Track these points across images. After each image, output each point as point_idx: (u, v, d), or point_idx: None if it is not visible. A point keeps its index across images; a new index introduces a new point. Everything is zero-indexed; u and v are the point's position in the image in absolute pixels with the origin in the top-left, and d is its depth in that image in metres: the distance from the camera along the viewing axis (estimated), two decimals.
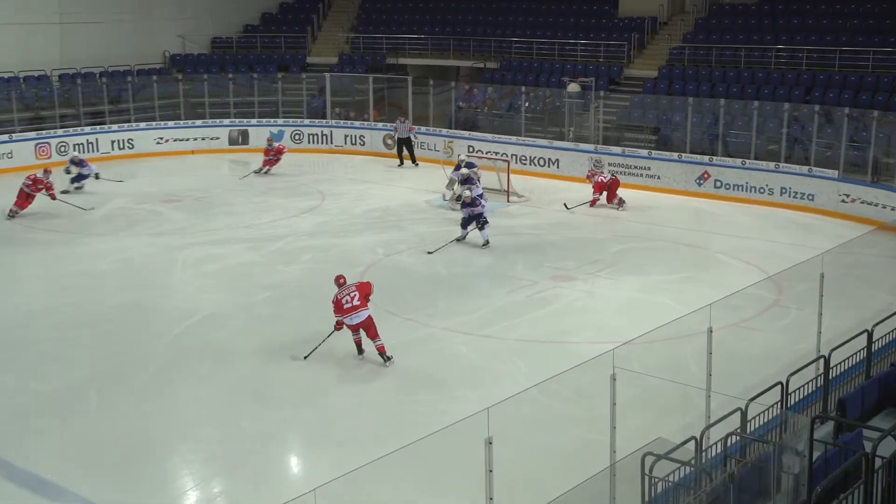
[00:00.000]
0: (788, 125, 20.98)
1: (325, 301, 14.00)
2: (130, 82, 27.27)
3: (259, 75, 28.61)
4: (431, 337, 12.91)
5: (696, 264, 16.33)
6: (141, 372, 11.71)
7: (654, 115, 23.60)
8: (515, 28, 28.79)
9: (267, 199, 21.20)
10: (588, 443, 9.47)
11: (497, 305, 14.11)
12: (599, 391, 7.89)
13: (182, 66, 29.60)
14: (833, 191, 19.52)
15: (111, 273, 15.88)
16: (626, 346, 8.97)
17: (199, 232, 18.39)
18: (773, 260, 15.95)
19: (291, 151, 26.73)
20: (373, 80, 27.62)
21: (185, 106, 27.73)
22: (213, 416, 10.60)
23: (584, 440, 9.79)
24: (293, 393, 11.12)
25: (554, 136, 24.48)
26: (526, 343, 12.65)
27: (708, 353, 8.83)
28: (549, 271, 15.75)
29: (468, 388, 11.17)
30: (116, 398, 10.99)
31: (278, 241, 17.66)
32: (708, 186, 21.31)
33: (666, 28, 26.66)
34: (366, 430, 10.25)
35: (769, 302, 13.88)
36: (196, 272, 15.92)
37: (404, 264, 16.40)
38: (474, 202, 17.17)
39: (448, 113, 26.43)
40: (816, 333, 10.58)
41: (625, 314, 13.75)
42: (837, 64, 22.41)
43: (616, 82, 25.58)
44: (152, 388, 11.27)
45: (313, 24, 31.61)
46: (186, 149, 26.76)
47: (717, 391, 9.06)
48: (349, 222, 19.15)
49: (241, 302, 14.36)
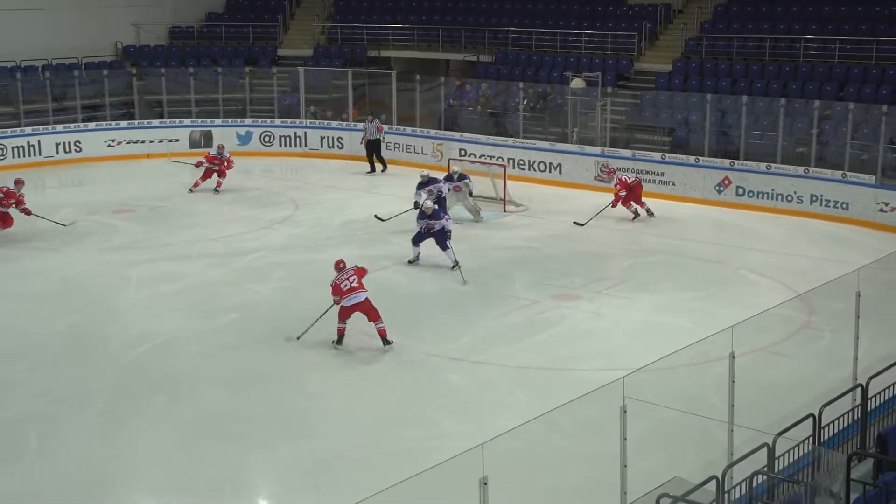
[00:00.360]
0: (819, 125, 21.11)
1: (299, 324, 14.02)
2: (77, 77, 27.26)
3: (224, 69, 28.67)
4: (419, 364, 12.90)
5: (716, 281, 16.38)
6: (86, 408, 11.62)
7: (668, 115, 23.72)
8: (512, 17, 28.93)
9: (233, 210, 21.19)
10: (596, 483, 9.45)
11: (493, 328, 14.12)
12: (608, 425, 7.89)
13: (136, 59, 29.63)
14: (870, 199, 19.63)
15: (52, 294, 15.80)
16: (638, 373, 8.97)
17: (155, 246, 18.36)
18: (803, 277, 16.00)
19: (261, 155, 26.84)
20: (352, 75, 27.72)
21: (140, 104, 27.76)
22: (169, 458, 10.52)
23: (591, 480, 9.77)
24: (262, 430, 11.07)
25: (556, 138, 24.57)
26: (525, 371, 12.64)
27: (730, 381, 8.85)
28: (552, 289, 15.77)
29: (460, 422, 11.14)
30: (57, 440, 10.88)
31: (246, 257, 17.64)
32: (729, 194, 21.40)
33: (681, 17, 26.83)
34: (346, 470, 10.21)
35: (799, 324, 13.92)
36: (152, 292, 15.87)
37: (388, 282, 16.38)
38: (436, 214, 16.70)
39: (437, 112, 26.52)
40: (853, 359, 10.62)
41: (636, 338, 13.77)
42: (875, 56, 22.57)
43: (625, 77, 25.71)
44: (99, 428, 11.19)
45: (285, 13, 31.71)
46: (141, 152, 26.75)
47: (741, 424, 9.07)
48: (326, 235, 19.15)
49: (204, 326, 14.32)
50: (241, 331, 14.17)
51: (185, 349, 13.41)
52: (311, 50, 30.51)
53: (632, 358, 11.87)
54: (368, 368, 12.68)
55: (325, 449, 10.67)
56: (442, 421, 11.27)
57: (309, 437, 10.96)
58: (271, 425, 11.16)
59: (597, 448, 9.98)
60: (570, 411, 8.99)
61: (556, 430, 10.43)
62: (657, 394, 11.13)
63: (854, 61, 22.87)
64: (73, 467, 10.31)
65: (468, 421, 11.14)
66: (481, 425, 10.72)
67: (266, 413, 11.47)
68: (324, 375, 12.49)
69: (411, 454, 10.37)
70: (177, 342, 13.66)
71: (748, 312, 12.02)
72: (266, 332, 14.07)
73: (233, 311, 14.87)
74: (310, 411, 11.56)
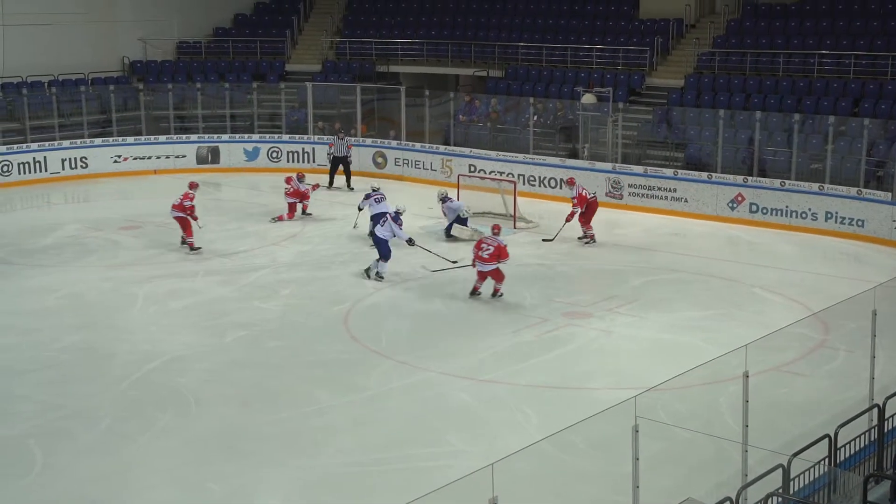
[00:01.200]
0: (834, 141, 21.13)
1: (307, 341, 14.06)
2: (84, 92, 27.47)
3: (231, 85, 28.85)
4: (428, 382, 12.92)
5: (729, 300, 16.37)
6: (92, 426, 11.66)
7: (681, 131, 23.76)
8: (522, 32, 29.06)
9: (241, 226, 21.28)
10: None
11: (503, 346, 14.14)
12: (620, 444, 7.90)
13: (143, 75, 29.83)
14: (886, 216, 19.61)
15: (59, 311, 15.87)
16: (650, 392, 8.98)
17: (162, 263, 18.44)
18: (818, 295, 16.00)
19: (269, 171, 26.94)
20: (361, 90, 27.85)
21: (147, 120, 27.93)
22: (175, 476, 10.55)
23: (602, 500, 9.78)
24: (270, 448, 11.10)
25: (566, 154, 24.63)
26: (536, 389, 12.66)
27: (744, 401, 8.85)
28: (562, 307, 15.79)
29: (470, 441, 11.16)
30: (62, 457, 10.93)
31: (254, 274, 17.70)
32: (742, 211, 21.41)
33: (693, 31, 26.91)
34: (354, 488, 10.23)
35: (814, 343, 13.91)
36: (159, 309, 15.94)
37: (397, 300, 16.44)
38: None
39: (446, 127, 26.61)
40: (869, 379, 10.59)
41: (648, 356, 13.77)
42: (890, 72, 22.59)
43: (637, 93, 25.78)
44: (105, 445, 11.23)
45: (293, 27, 31.92)
46: (148, 168, 26.90)
47: (756, 445, 9.05)
48: (335, 252, 19.22)
49: (211, 343, 14.37)
50: (249, 348, 14.22)
51: (192, 366, 13.45)
52: (319, 65, 30.68)
53: (643, 377, 11.89)
54: (377, 386, 12.71)
55: (333, 467, 10.68)
56: (451, 440, 11.28)
57: (317, 454, 10.98)
58: (279, 443, 11.19)
59: (608, 468, 9.99)
60: (582, 431, 9.02)
61: (567, 449, 10.43)
62: (670, 413, 11.14)
63: (869, 76, 22.89)
64: (79, 484, 10.34)
65: (478, 440, 11.16)
66: (491, 444, 10.75)
67: (274, 430, 11.50)
68: (332, 393, 12.51)
69: (420, 473, 10.39)
70: (184, 359, 13.70)
71: (762, 331, 12.05)
72: (274, 350, 14.12)
73: (240, 329, 14.91)
74: (318, 429, 11.58)
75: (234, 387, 12.79)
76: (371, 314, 15.76)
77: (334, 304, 16.09)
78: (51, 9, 27.96)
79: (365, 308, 15.94)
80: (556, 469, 10.26)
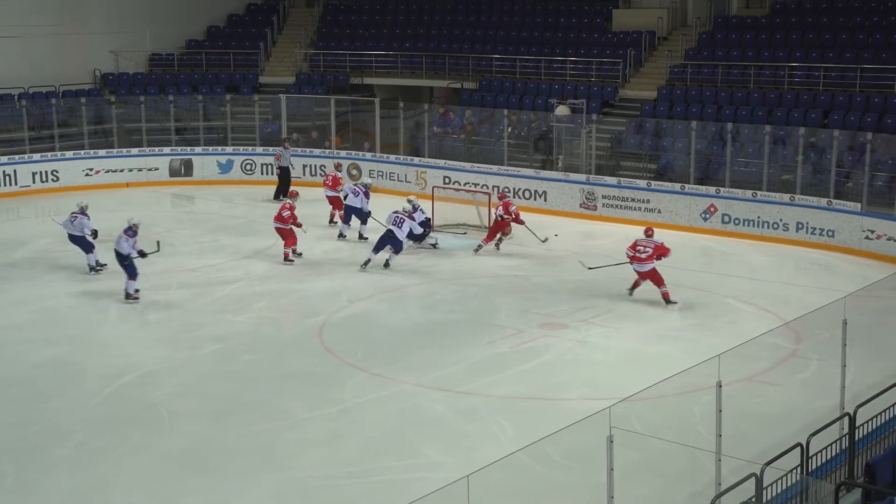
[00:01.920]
0: (804, 152, 21.36)
1: (282, 354, 14.03)
2: (55, 105, 27.29)
3: (204, 97, 28.77)
4: (403, 394, 12.92)
5: (702, 310, 16.50)
6: (63, 443, 11.57)
7: (653, 142, 23.95)
8: (496, 44, 29.20)
9: (215, 238, 21.21)
10: None
11: (478, 358, 14.16)
12: (595, 455, 7.94)
13: (115, 87, 29.70)
14: (856, 226, 19.84)
15: (30, 325, 15.75)
16: (625, 403, 9.02)
17: None
18: (790, 305, 16.15)
19: (243, 183, 26.87)
20: (335, 102, 27.84)
21: (119, 132, 27.77)
22: (150, 491, 10.49)
23: None
24: (244, 462, 11.06)
25: (541, 166, 24.75)
26: (511, 400, 12.68)
27: (717, 410, 8.91)
28: (538, 318, 15.85)
29: (445, 453, 11.17)
30: (34, 474, 10.81)
31: (227, 287, 17.65)
32: (715, 221, 21.58)
33: (665, 43, 27.15)
34: (329, 502, 10.21)
35: (786, 352, 14.03)
36: (131, 324, 15.86)
37: (372, 312, 16.43)
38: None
39: (420, 139, 26.66)
40: (840, 388, 10.70)
41: (623, 367, 13.85)
42: (859, 83, 22.89)
43: (610, 104, 25.96)
44: (77, 461, 11.14)
45: (266, 39, 31.89)
46: (120, 181, 26.75)
47: (729, 454, 9.13)
48: (309, 264, 19.19)
49: (184, 357, 14.31)
50: (222, 361, 14.16)
51: (166, 380, 13.38)
52: (293, 77, 30.66)
53: (618, 387, 11.95)
54: (352, 398, 12.70)
55: (308, 480, 10.66)
56: (427, 452, 11.29)
57: (292, 468, 10.94)
58: (254, 456, 11.14)
59: (583, 478, 10.03)
60: (557, 441, 9.05)
61: (542, 460, 10.47)
62: (644, 423, 11.20)
63: (839, 89, 23.17)
64: (51, 501, 10.25)
65: (454, 452, 11.16)
66: (467, 456, 10.77)
67: (249, 444, 11.46)
68: (307, 406, 12.49)
69: (396, 485, 10.39)
70: (157, 373, 13.63)
71: (735, 341, 12.15)
72: (248, 363, 14.07)
73: (214, 342, 14.86)
74: (293, 442, 11.54)
75: (208, 400, 12.73)
76: (345, 326, 15.75)
77: (308, 316, 16.07)
78: (21, 21, 27.76)
79: (339, 320, 15.94)
80: (532, 480, 10.29)
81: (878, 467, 8.29)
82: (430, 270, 18.69)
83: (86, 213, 18.42)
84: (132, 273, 16.77)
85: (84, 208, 18.51)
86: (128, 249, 16.70)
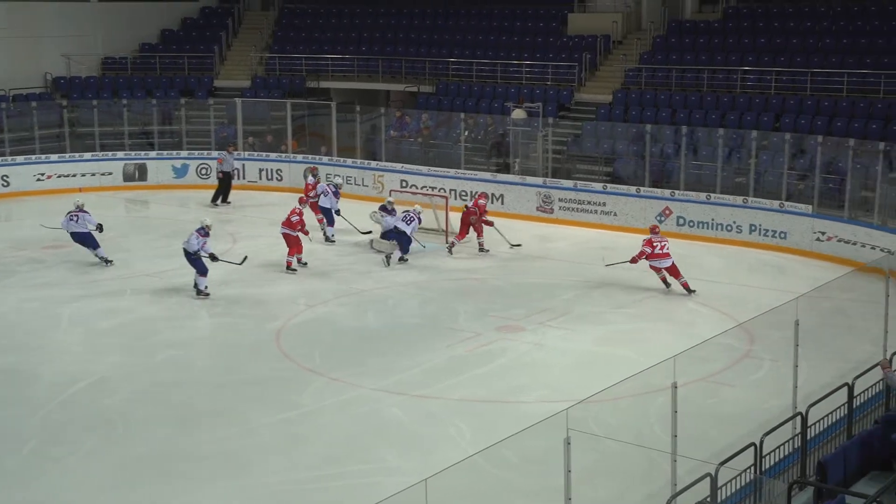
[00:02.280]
0: (757, 155, 21.66)
1: (239, 360, 13.95)
2: (5, 109, 26.89)
3: (158, 101, 28.53)
4: (361, 399, 12.91)
5: (658, 311, 16.66)
6: (13, 452, 11.43)
7: (609, 145, 24.14)
8: (452, 47, 29.27)
9: (169, 244, 20.99)
10: None
11: (436, 361, 14.20)
12: (552, 457, 7.99)
13: (67, 91, 29.34)
14: (807, 228, 20.15)
15: None
16: (581, 405, 9.09)
17: (88, 283, 18.15)
18: (744, 306, 16.37)
19: (198, 188, 26.67)
20: (291, 106, 27.76)
21: (71, 137, 27.46)
22: (106, 498, 10.40)
23: None
24: (202, 469, 11.00)
25: (497, 169, 24.85)
26: (469, 404, 12.72)
27: (673, 411, 9.00)
28: (495, 321, 15.92)
29: (403, 457, 11.20)
30: None
31: (183, 292, 17.51)
32: (670, 224, 21.79)
33: (620, 47, 27.37)
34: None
35: (740, 353, 14.21)
36: (85, 330, 15.69)
37: (330, 316, 16.41)
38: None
39: (377, 143, 26.66)
40: (792, 388, 10.84)
41: (580, 369, 13.96)
42: (809, 87, 23.23)
43: (566, 108, 26.11)
44: (28, 471, 11.01)
45: (221, 43, 31.68)
46: (73, 186, 26.42)
47: (684, 455, 9.23)
48: (266, 270, 19.10)
49: (140, 363, 14.18)
50: (178, 367, 14.07)
51: (120, 387, 13.26)
52: (248, 81, 30.50)
53: (575, 389, 12.03)
54: (311, 403, 12.68)
55: (266, 486, 10.62)
56: (385, 456, 11.30)
57: (251, 473, 10.90)
58: (213, 462, 11.09)
59: (541, 481, 10.09)
60: (514, 444, 9.10)
61: (499, 463, 10.52)
62: (601, 425, 11.31)
63: (790, 92, 23.49)
64: None
65: (411, 455, 11.19)
66: (425, 460, 10.78)
67: (208, 450, 11.40)
68: (265, 411, 12.45)
69: (355, 490, 10.40)
70: (112, 380, 13.50)
71: (690, 342, 12.28)
72: (205, 369, 14.00)
73: (170, 348, 14.75)
74: (250, 448, 11.49)
75: (166, 407, 12.64)
76: (303, 331, 15.71)
77: (266, 321, 16.01)
78: None
79: (297, 325, 15.90)
80: (490, 484, 10.33)
81: (830, 466, 8.44)
82: (389, 274, 18.70)
83: (84, 209, 18.79)
84: (201, 269, 16.99)
85: (81, 206, 18.84)
86: (196, 247, 16.96)
